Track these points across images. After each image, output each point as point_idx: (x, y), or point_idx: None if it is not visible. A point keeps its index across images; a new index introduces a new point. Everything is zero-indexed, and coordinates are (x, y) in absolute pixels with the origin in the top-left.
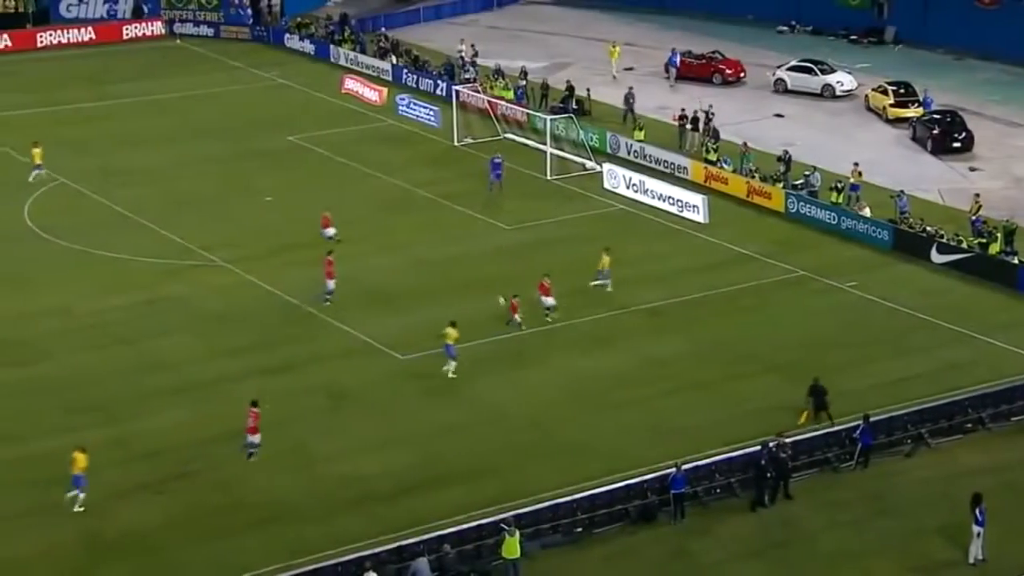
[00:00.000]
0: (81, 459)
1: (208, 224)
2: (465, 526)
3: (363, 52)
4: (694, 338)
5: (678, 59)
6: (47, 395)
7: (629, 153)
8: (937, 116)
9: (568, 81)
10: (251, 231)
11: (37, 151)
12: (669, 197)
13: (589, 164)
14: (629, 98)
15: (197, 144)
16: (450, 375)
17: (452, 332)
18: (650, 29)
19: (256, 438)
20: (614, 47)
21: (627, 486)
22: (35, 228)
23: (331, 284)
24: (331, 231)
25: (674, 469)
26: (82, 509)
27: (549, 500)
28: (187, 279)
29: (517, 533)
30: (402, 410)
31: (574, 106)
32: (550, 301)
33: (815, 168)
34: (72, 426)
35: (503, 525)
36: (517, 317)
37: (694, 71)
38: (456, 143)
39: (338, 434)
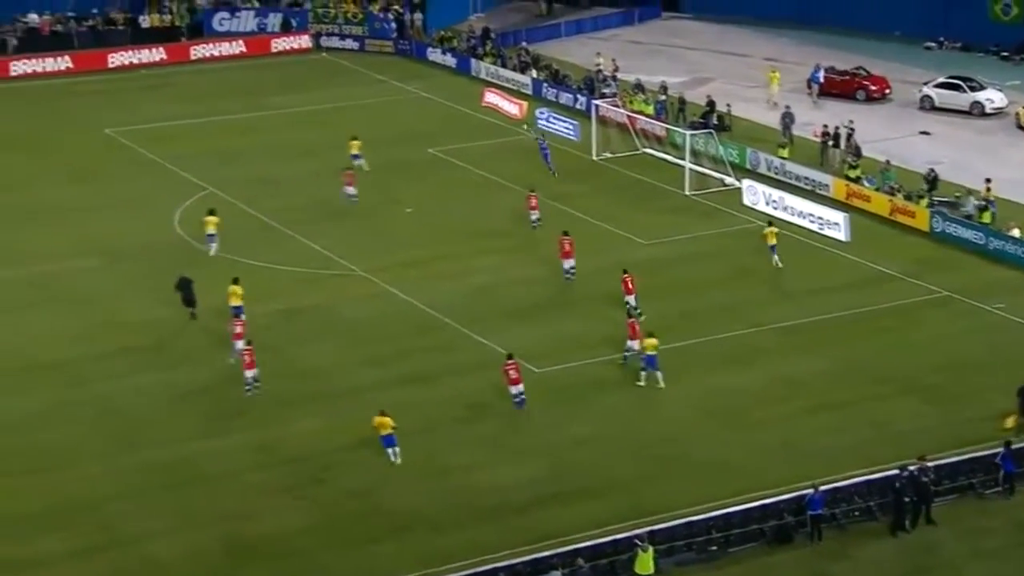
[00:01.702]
0: (387, 421)
1: (349, 234)
2: (599, 540)
3: (504, 66)
4: (833, 358)
5: (821, 75)
6: (191, 400)
7: (769, 169)
8: None
9: (709, 96)
10: (391, 242)
11: (355, 143)
12: (809, 214)
13: (728, 180)
14: (786, 118)
15: (340, 156)
16: (659, 384)
17: (653, 342)
18: (792, 44)
19: (520, 387)
20: (774, 72)
21: (763, 506)
22: (184, 236)
23: (570, 263)
24: (536, 215)
25: (811, 490)
26: (399, 461)
27: (683, 517)
28: (328, 288)
29: (651, 549)
30: (537, 422)
31: (714, 121)
32: (631, 299)
33: (968, 191)
34: (214, 430)
35: (636, 541)
36: (635, 344)
37: (837, 87)
38: (595, 157)
39: (473, 445)
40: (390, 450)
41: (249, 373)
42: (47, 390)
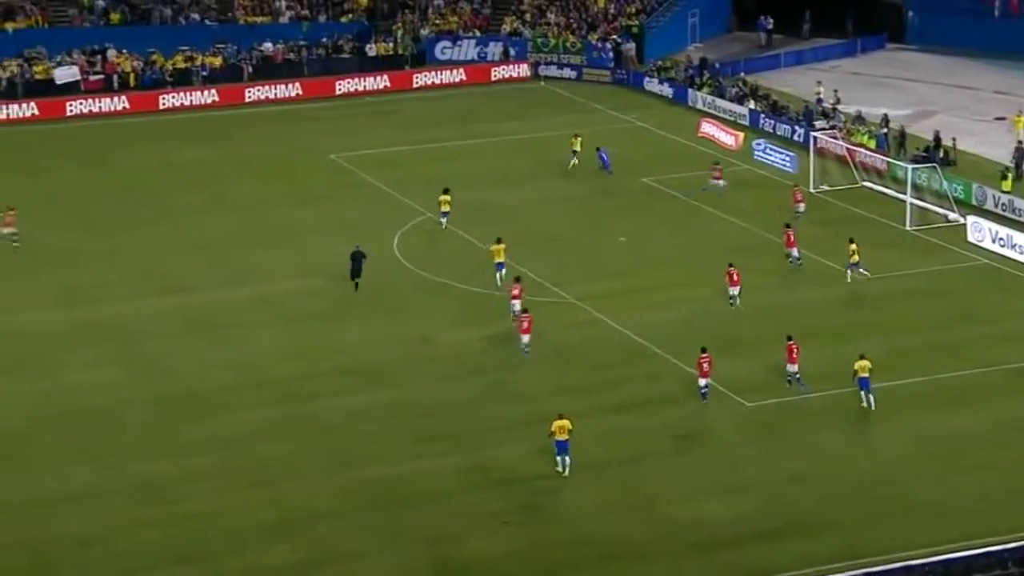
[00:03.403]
0: (566, 424)
1: (561, 262)
2: None
3: (721, 96)
4: None
5: None
6: (401, 420)
7: (996, 206)
8: None
9: (936, 131)
10: (603, 270)
11: (578, 139)
12: None
13: (952, 216)
14: (1018, 152)
15: (555, 183)
16: (864, 404)
17: (865, 364)
18: None
19: (707, 380)
20: (1020, 116)
21: (985, 553)
22: (401, 259)
23: (795, 251)
24: (802, 207)
25: None
26: (566, 473)
27: (900, 561)
28: (539, 315)
29: None
30: (746, 457)
31: (939, 156)
32: (735, 291)
33: None
34: (422, 452)
35: None
36: (793, 368)
37: None
38: (812, 190)
39: (680, 476)
40: (559, 458)
41: (525, 338)
42: (271, 406)
